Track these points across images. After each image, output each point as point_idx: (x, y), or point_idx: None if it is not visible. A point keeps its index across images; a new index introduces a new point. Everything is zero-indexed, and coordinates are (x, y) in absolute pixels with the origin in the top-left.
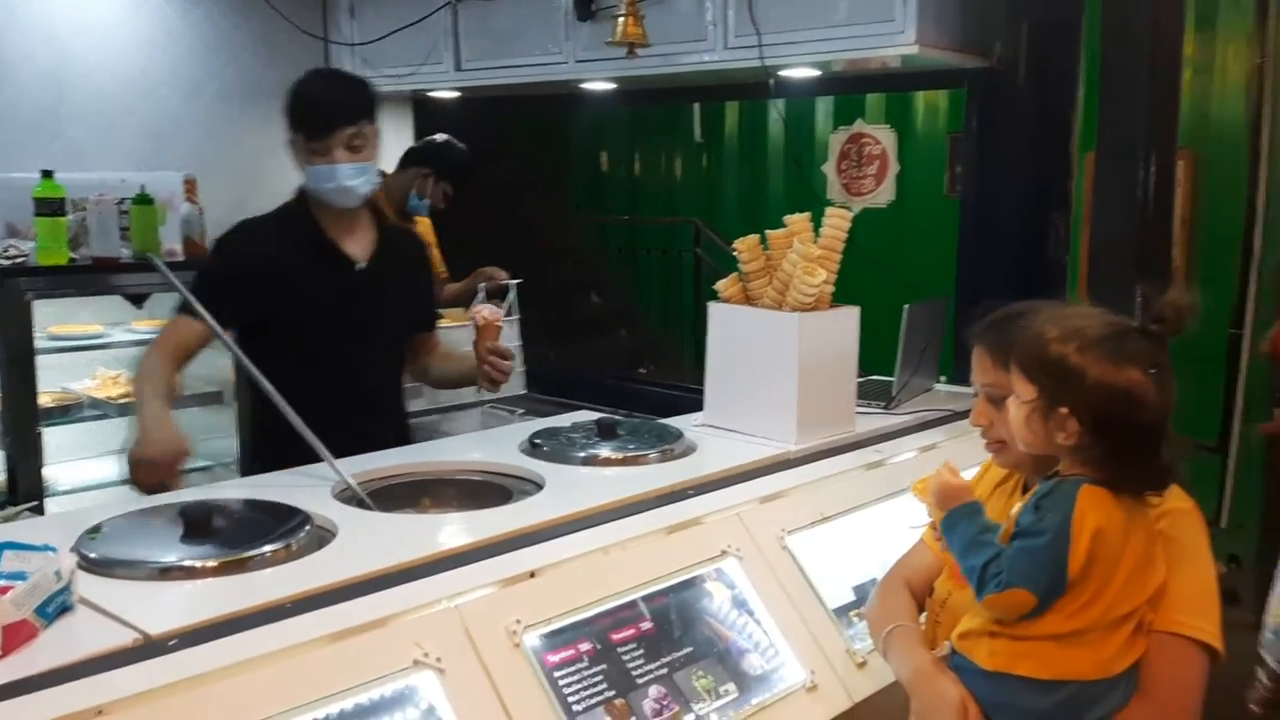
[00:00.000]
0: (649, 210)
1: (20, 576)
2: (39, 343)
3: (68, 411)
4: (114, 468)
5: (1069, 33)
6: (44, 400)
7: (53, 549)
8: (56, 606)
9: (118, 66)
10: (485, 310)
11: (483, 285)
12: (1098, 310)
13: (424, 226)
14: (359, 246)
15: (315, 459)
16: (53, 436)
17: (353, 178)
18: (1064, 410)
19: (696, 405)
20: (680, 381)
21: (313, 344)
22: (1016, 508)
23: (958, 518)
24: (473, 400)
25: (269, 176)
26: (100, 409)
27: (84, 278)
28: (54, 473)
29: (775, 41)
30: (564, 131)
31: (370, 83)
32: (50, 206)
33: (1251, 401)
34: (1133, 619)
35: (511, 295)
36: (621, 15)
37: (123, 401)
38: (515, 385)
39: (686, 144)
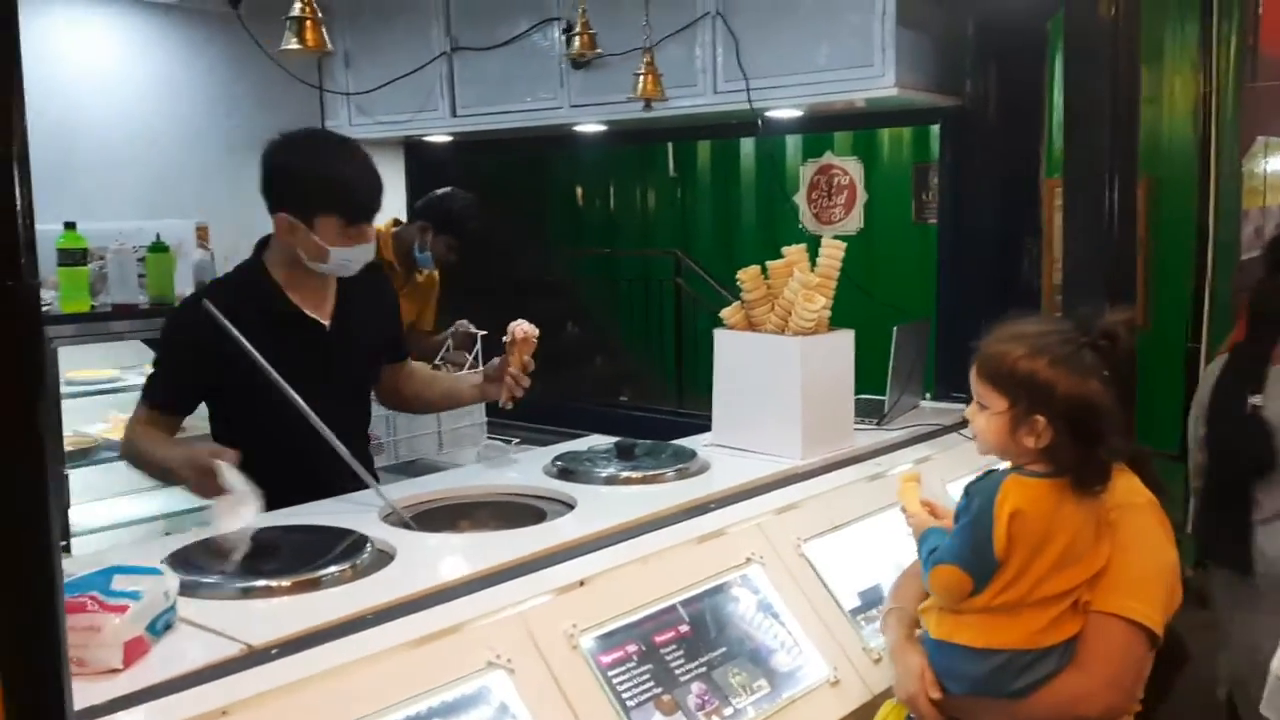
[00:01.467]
0: (628, 243)
1: (133, 596)
2: None
3: (87, 454)
4: (130, 508)
5: (1034, 70)
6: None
7: (158, 571)
8: (164, 624)
9: (123, 118)
10: (523, 325)
11: (450, 332)
12: (1049, 325)
13: (430, 280)
14: (323, 304)
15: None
16: (73, 479)
17: (366, 255)
18: (1040, 419)
19: (683, 429)
20: (665, 405)
21: (283, 407)
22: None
23: (920, 542)
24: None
25: (270, 222)
26: (116, 451)
27: (105, 324)
28: (76, 514)
29: (761, 86)
30: (547, 170)
31: None
32: (73, 256)
33: None
34: (1068, 598)
35: (478, 347)
36: (641, 74)
37: None
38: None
39: (662, 179)
